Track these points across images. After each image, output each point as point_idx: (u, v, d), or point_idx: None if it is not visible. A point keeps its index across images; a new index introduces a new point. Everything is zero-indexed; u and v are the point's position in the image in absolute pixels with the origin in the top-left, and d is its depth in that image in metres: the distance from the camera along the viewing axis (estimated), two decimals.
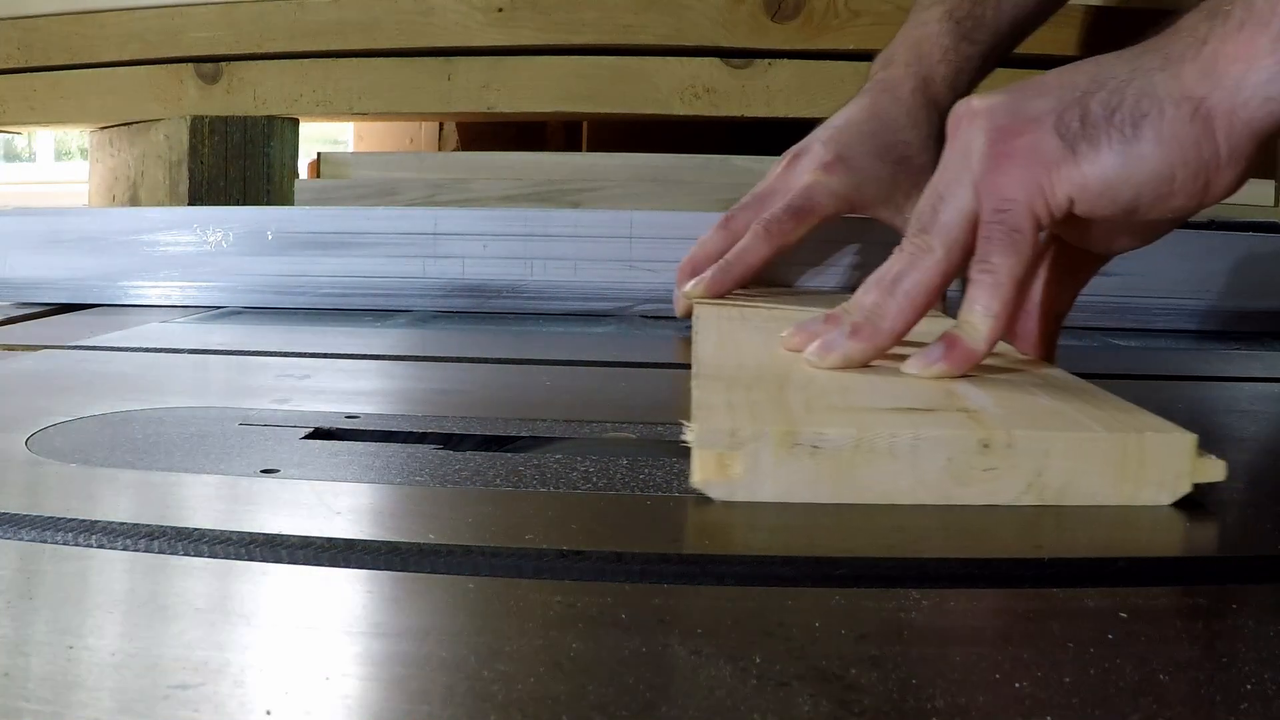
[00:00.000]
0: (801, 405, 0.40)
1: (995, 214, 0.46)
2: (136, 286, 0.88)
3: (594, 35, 1.07)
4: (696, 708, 0.23)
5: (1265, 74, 0.43)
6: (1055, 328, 0.54)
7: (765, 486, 0.37)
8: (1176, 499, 0.37)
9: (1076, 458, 0.37)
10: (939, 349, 0.45)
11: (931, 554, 0.33)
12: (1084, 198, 0.45)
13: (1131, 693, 0.24)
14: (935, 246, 0.47)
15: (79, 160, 2.97)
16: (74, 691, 0.23)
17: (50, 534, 0.32)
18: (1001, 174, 0.46)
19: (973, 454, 0.37)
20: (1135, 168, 0.44)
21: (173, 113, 1.10)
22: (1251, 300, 0.85)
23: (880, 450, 0.36)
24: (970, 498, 0.37)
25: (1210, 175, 0.45)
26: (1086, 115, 0.45)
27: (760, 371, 0.46)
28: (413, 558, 0.31)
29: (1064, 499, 0.37)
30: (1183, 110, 0.44)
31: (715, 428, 0.37)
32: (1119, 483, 0.37)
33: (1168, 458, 0.37)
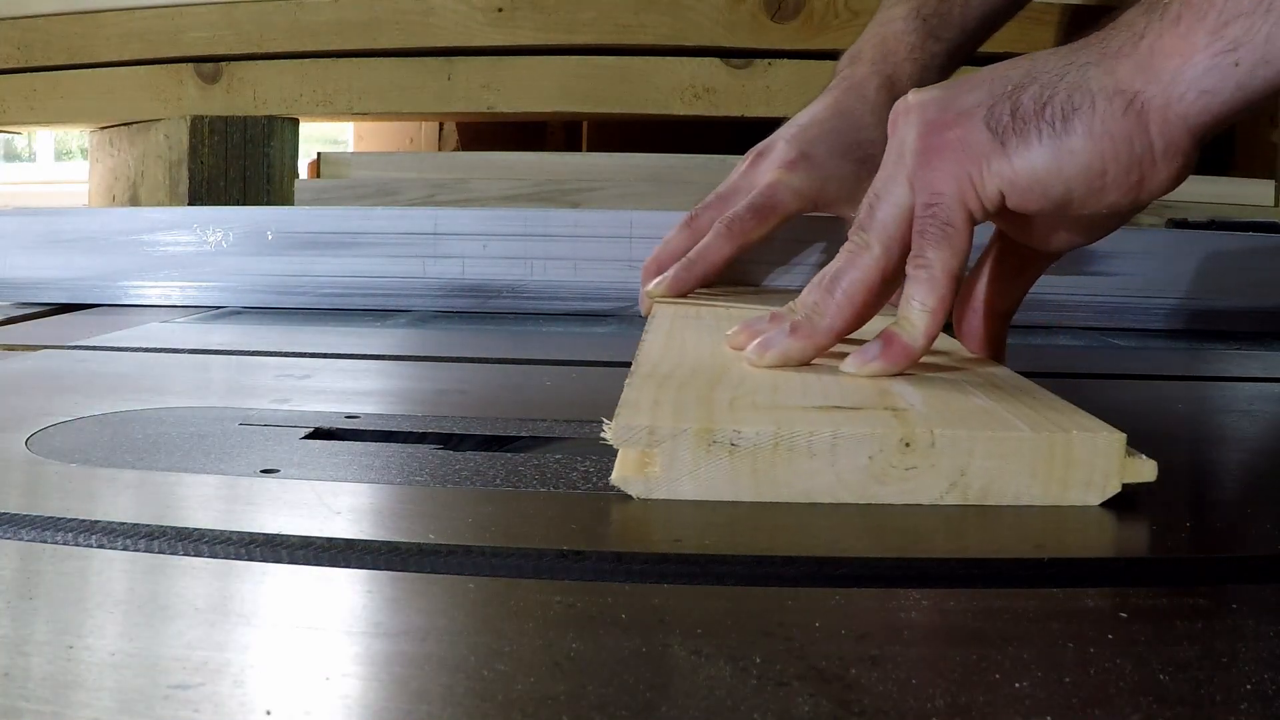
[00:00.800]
0: (727, 403, 0.39)
1: (927, 208, 0.45)
2: (136, 286, 0.88)
3: (594, 35, 1.07)
4: (696, 708, 0.23)
5: (1201, 67, 0.43)
6: (1002, 326, 0.53)
7: (683, 484, 0.36)
8: (1105, 499, 0.37)
9: (1000, 457, 0.36)
10: (876, 347, 0.45)
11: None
12: (1014, 191, 0.45)
13: (1130, 693, 0.24)
14: (873, 244, 0.47)
15: (79, 160, 2.97)
16: (74, 691, 0.23)
17: (50, 534, 0.32)
18: (932, 168, 0.45)
19: (893, 453, 0.36)
20: (1065, 162, 0.44)
21: (173, 113, 1.10)
22: (1251, 300, 0.85)
23: (799, 448, 0.36)
24: (891, 496, 0.36)
25: (1144, 170, 0.44)
26: (1017, 109, 0.45)
27: (698, 370, 0.45)
28: (413, 558, 0.31)
29: (988, 499, 0.37)
30: (1115, 104, 0.44)
31: (633, 425, 0.36)
32: (1046, 483, 0.37)
33: (1096, 458, 0.37)
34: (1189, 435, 0.53)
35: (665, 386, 0.42)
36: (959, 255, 0.45)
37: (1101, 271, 0.85)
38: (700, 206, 0.74)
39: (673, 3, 1.06)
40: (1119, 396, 0.60)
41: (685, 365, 0.47)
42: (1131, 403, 0.58)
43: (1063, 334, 0.83)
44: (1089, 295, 0.85)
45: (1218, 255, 0.86)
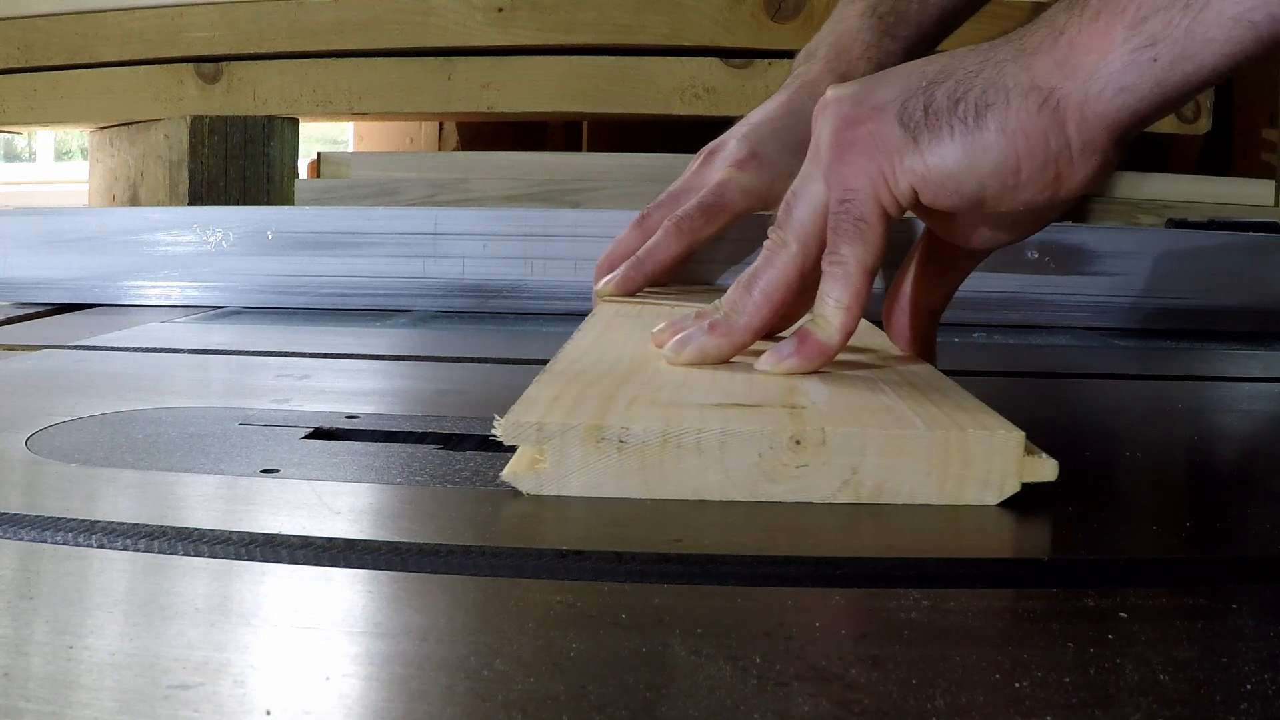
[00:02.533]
0: (626, 401, 0.39)
1: (840, 204, 0.45)
2: (136, 286, 0.88)
3: (593, 35, 1.07)
4: (696, 708, 0.23)
5: (1119, 64, 0.42)
6: (930, 324, 0.53)
7: (572, 480, 0.36)
8: (1004, 499, 0.36)
9: (893, 455, 0.36)
10: (791, 344, 0.45)
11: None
12: (926, 187, 0.44)
13: (1130, 692, 0.24)
14: (789, 241, 0.47)
15: (79, 160, 2.97)
16: (74, 691, 0.23)
17: (50, 534, 0.32)
18: (845, 164, 0.45)
19: (783, 450, 0.36)
20: (978, 158, 0.44)
21: (173, 113, 1.10)
22: (1251, 300, 0.85)
23: (687, 445, 0.36)
24: (782, 495, 0.36)
25: (1061, 168, 0.44)
26: (931, 104, 0.44)
27: (614, 367, 0.45)
28: (413, 558, 0.31)
29: (881, 497, 0.36)
30: (1030, 101, 0.43)
31: (521, 422, 0.36)
32: (942, 481, 0.36)
33: (993, 456, 0.36)
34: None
35: (573, 383, 0.42)
36: (873, 251, 0.45)
37: (1101, 271, 0.85)
38: (652, 205, 0.73)
39: (673, 3, 1.06)
40: (1119, 396, 0.60)
41: (604, 362, 0.47)
42: (1131, 402, 0.58)
43: (1063, 334, 0.83)
44: (1089, 295, 0.85)
45: (1218, 255, 0.86)
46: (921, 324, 0.52)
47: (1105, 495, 0.40)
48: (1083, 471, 0.42)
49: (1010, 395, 0.58)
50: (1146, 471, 0.44)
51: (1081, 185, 0.44)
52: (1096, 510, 0.38)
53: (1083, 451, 0.44)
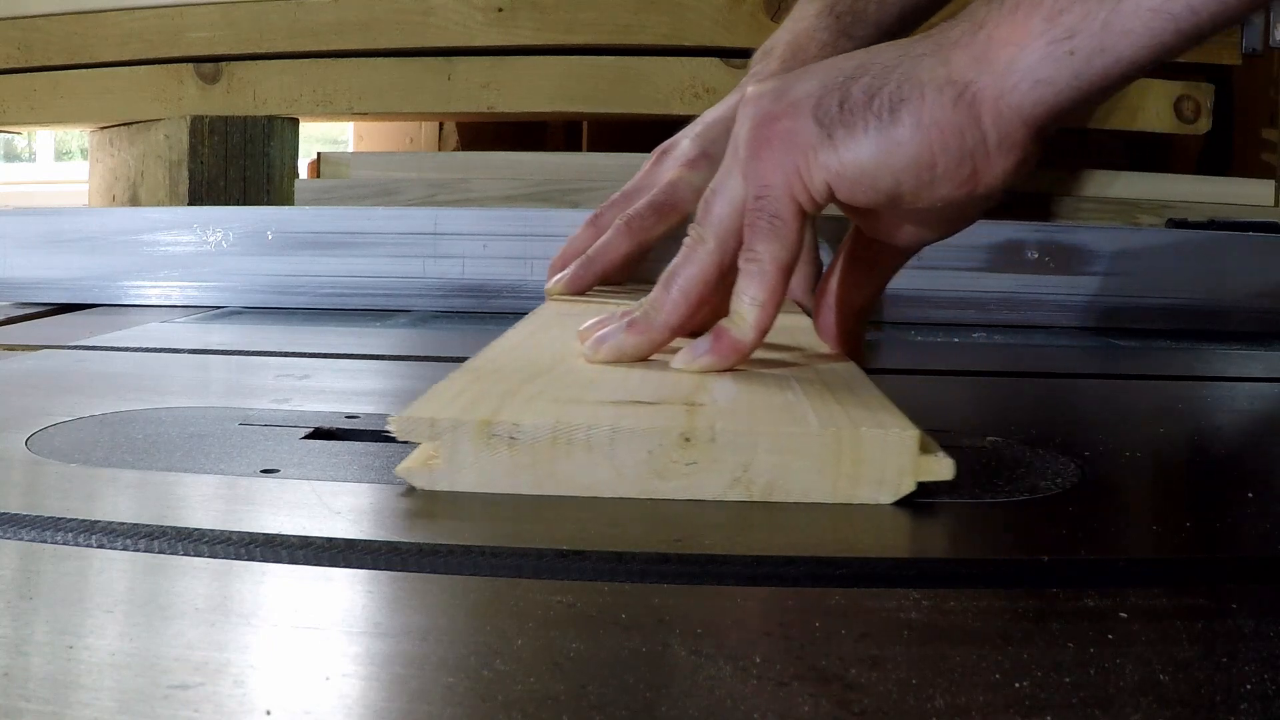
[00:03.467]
0: (527, 398, 0.39)
1: (756, 201, 0.45)
2: (136, 286, 0.88)
3: (593, 35, 1.07)
4: (696, 708, 0.23)
5: (1035, 56, 0.41)
6: (856, 322, 0.52)
7: (465, 477, 0.36)
8: (899, 498, 0.36)
9: (785, 453, 0.36)
10: (706, 342, 0.45)
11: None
12: (841, 184, 0.44)
13: (1130, 692, 0.24)
14: (707, 239, 0.46)
15: (79, 160, 2.97)
16: (74, 691, 0.23)
17: (50, 534, 0.32)
18: (760, 160, 0.45)
19: (673, 448, 0.36)
20: (893, 154, 0.43)
21: (173, 113, 1.10)
22: (1251, 300, 0.85)
23: (577, 442, 0.36)
24: (672, 492, 0.36)
25: (978, 163, 0.43)
26: (846, 100, 0.44)
27: (532, 365, 0.45)
28: (413, 558, 0.31)
29: (773, 495, 0.36)
30: (945, 95, 0.43)
31: (414, 418, 0.36)
32: (835, 480, 0.36)
33: (887, 455, 0.36)
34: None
35: (483, 380, 0.42)
36: (789, 248, 0.45)
37: (1101, 271, 0.85)
38: (604, 205, 0.73)
39: (673, 3, 1.06)
40: (1119, 397, 0.60)
41: (523, 360, 0.47)
42: (1129, 402, 0.58)
43: (1063, 334, 0.83)
44: (1089, 295, 0.85)
45: (1218, 255, 0.86)
46: (848, 322, 0.52)
47: (1105, 495, 0.40)
48: (1082, 471, 0.42)
49: (1010, 395, 0.59)
50: (1146, 471, 0.44)
51: (1001, 180, 0.44)
52: (1096, 510, 0.38)
53: (1082, 451, 0.44)
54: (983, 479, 0.40)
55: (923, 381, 0.65)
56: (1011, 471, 0.41)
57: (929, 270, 0.85)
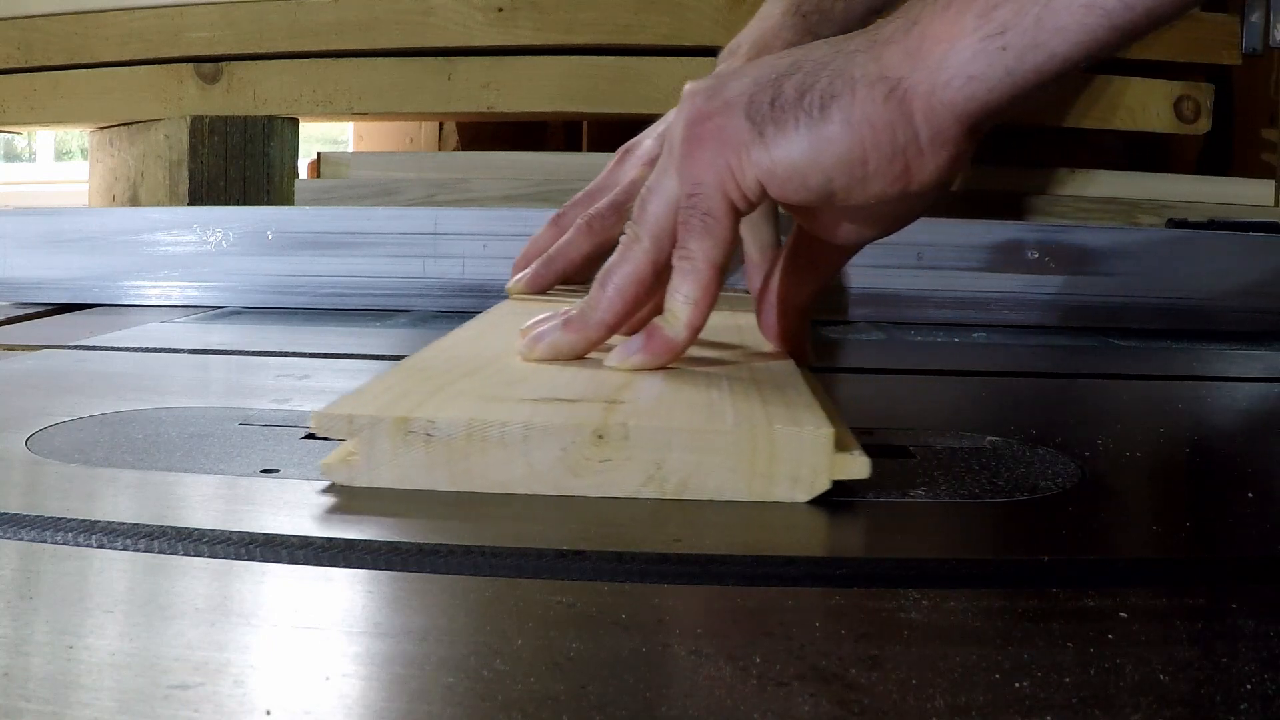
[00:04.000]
0: (450, 395, 0.39)
1: (689, 199, 0.45)
2: (136, 286, 0.88)
3: (593, 35, 1.07)
4: (696, 708, 0.23)
5: (968, 52, 0.41)
6: (799, 320, 0.52)
7: (383, 473, 0.37)
8: (814, 496, 0.36)
9: (698, 451, 0.36)
10: (639, 340, 0.45)
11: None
12: (773, 181, 0.44)
13: (1130, 692, 0.24)
14: (642, 237, 0.46)
15: (79, 160, 2.97)
16: (74, 691, 0.23)
17: (50, 534, 0.32)
18: (693, 158, 0.45)
19: (586, 445, 0.36)
20: (823, 151, 0.43)
21: (173, 113, 1.10)
22: (1252, 300, 0.85)
23: (491, 439, 0.36)
24: (587, 489, 0.36)
25: (910, 160, 0.43)
26: (778, 97, 0.44)
27: (468, 363, 0.46)
28: (413, 558, 0.31)
29: (686, 493, 0.36)
30: (876, 91, 0.42)
31: (332, 414, 0.37)
32: (749, 478, 0.36)
33: (801, 453, 0.36)
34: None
35: (413, 378, 0.42)
36: (721, 245, 0.45)
37: (1101, 271, 0.85)
38: (567, 204, 0.73)
39: (673, 3, 1.06)
40: (1119, 396, 0.60)
41: (462, 357, 0.47)
42: (1131, 403, 0.58)
43: (1063, 334, 0.83)
44: (1089, 295, 0.85)
45: (1218, 255, 0.86)
46: (789, 320, 0.51)
47: (1105, 495, 0.40)
48: (1082, 471, 0.42)
49: (1010, 395, 0.59)
50: (1146, 471, 0.44)
51: (935, 177, 0.44)
52: (1096, 510, 0.38)
53: (1082, 451, 0.44)
54: (983, 479, 0.40)
55: (923, 381, 0.65)
56: (1011, 471, 0.41)
57: (929, 270, 0.85)
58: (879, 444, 0.45)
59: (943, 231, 0.86)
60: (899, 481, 0.40)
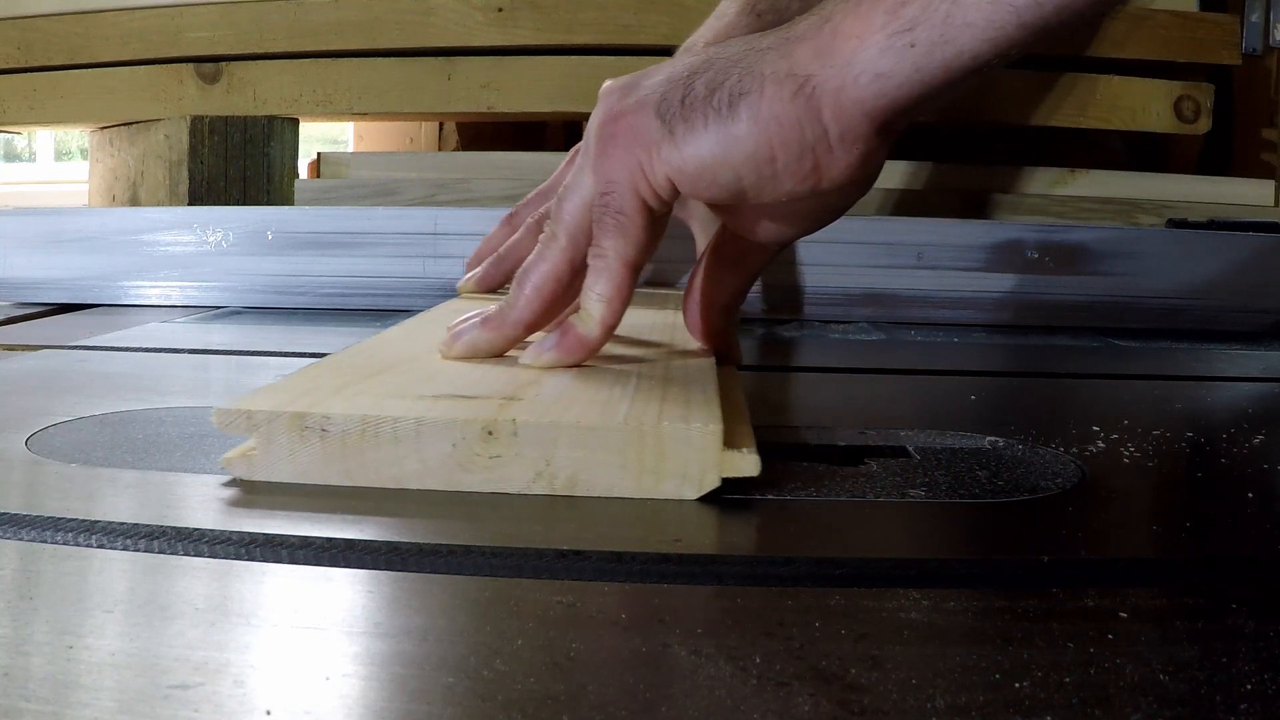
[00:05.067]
0: (355, 392, 0.40)
1: (602, 197, 0.45)
2: (136, 286, 0.88)
3: (593, 35, 1.07)
4: (696, 708, 0.23)
5: (876, 49, 0.41)
6: (722, 318, 0.52)
7: (281, 467, 0.37)
8: (703, 494, 0.37)
9: (586, 448, 0.36)
10: (552, 338, 0.45)
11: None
12: (682, 179, 0.44)
13: (1130, 692, 0.24)
14: (559, 235, 0.47)
15: (79, 160, 2.97)
16: (74, 691, 0.23)
17: (50, 534, 0.32)
18: (607, 157, 0.45)
19: (476, 441, 0.36)
20: (731, 148, 0.43)
21: (173, 113, 1.10)
22: (1251, 300, 0.85)
23: (384, 435, 0.37)
24: (478, 485, 0.37)
25: (819, 158, 0.43)
26: (688, 95, 0.44)
27: (389, 360, 0.46)
28: (413, 558, 0.31)
29: (575, 489, 0.37)
30: (785, 89, 0.42)
31: (233, 410, 0.37)
32: (638, 475, 0.36)
33: (689, 450, 0.36)
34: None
35: (329, 374, 0.43)
36: (634, 244, 0.45)
37: (1101, 271, 0.85)
38: (520, 204, 0.73)
39: (673, 3, 1.06)
40: (1119, 396, 0.60)
41: (385, 355, 0.48)
42: (1131, 403, 0.58)
43: (1063, 334, 0.83)
44: (1089, 295, 0.85)
45: (1218, 255, 0.86)
46: (713, 318, 0.51)
47: (1105, 495, 0.40)
48: (1082, 471, 0.42)
49: (1010, 395, 0.59)
50: (1146, 471, 0.44)
51: (846, 175, 0.44)
52: (1096, 510, 0.38)
53: (1082, 451, 0.44)
54: (983, 479, 0.40)
55: (923, 381, 0.65)
56: (1011, 471, 0.41)
57: (929, 270, 0.85)
58: (878, 445, 0.45)
59: (943, 231, 0.86)
60: (899, 482, 0.40)
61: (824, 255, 0.84)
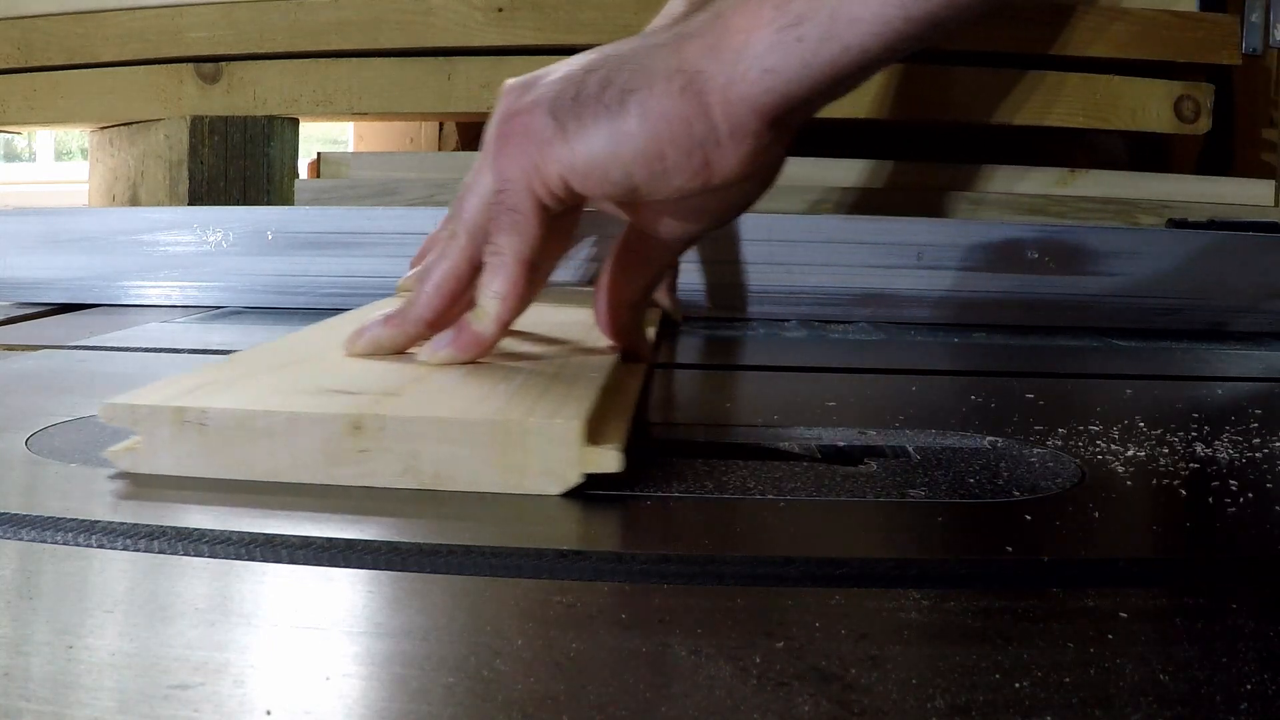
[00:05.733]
0: (245, 387, 0.41)
1: (497, 195, 0.45)
2: (136, 286, 0.88)
3: (594, 35, 1.07)
4: (696, 708, 0.23)
5: (764, 44, 0.41)
6: (630, 314, 0.52)
7: (162, 460, 0.38)
8: (567, 489, 0.37)
9: (450, 442, 0.37)
10: (448, 335, 0.46)
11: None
12: (574, 176, 0.44)
13: (1130, 692, 0.24)
14: (460, 234, 0.47)
15: (79, 160, 2.97)
16: (74, 691, 0.23)
17: (50, 534, 0.32)
18: (502, 155, 0.45)
19: (344, 436, 0.37)
20: (622, 145, 0.43)
21: (173, 113, 1.10)
22: (1251, 300, 0.85)
23: (259, 429, 0.37)
24: (348, 478, 0.37)
25: (708, 154, 0.43)
26: (581, 92, 0.44)
27: (295, 356, 0.47)
28: (413, 558, 0.31)
29: (441, 483, 0.37)
30: (673, 85, 0.42)
31: (117, 405, 0.38)
32: (504, 470, 0.37)
33: (551, 446, 0.37)
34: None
35: (228, 370, 0.44)
36: (529, 241, 0.45)
37: (1101, 271, 0.85)
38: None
39: None
40: (1119, 396, 0.60)
41: (294, 352, 0.49)
42: (1131, 403, 0.58)
43: (1063, 334, 0.83)
44: (1089, 295, 0.85)
45: (1218, 255, 0.86)
46: (620, 315, 0.52)
47: (1105, 495, 0.40)
48: (1082, 471, 0.42)
49: (1010, 395, 0.59)
50: (1146, 471, 0.44)
51: (738, 171, 0.44)
52: (1096, 510, 0.38)
53: (1082, 451, 0.44)
54: (984, 479, 0.40)
55: (923, 381, 0.65)
56: (1011, 471, 0.41)
57: (929, 270, 0.85)
58: (879, 444, 0.45)
59: (943, 231, 0.86)
60: (899, 481, 0.40)
61: (824, 255, 0.84)
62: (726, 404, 0.59)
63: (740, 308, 0.86)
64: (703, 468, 0.40)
